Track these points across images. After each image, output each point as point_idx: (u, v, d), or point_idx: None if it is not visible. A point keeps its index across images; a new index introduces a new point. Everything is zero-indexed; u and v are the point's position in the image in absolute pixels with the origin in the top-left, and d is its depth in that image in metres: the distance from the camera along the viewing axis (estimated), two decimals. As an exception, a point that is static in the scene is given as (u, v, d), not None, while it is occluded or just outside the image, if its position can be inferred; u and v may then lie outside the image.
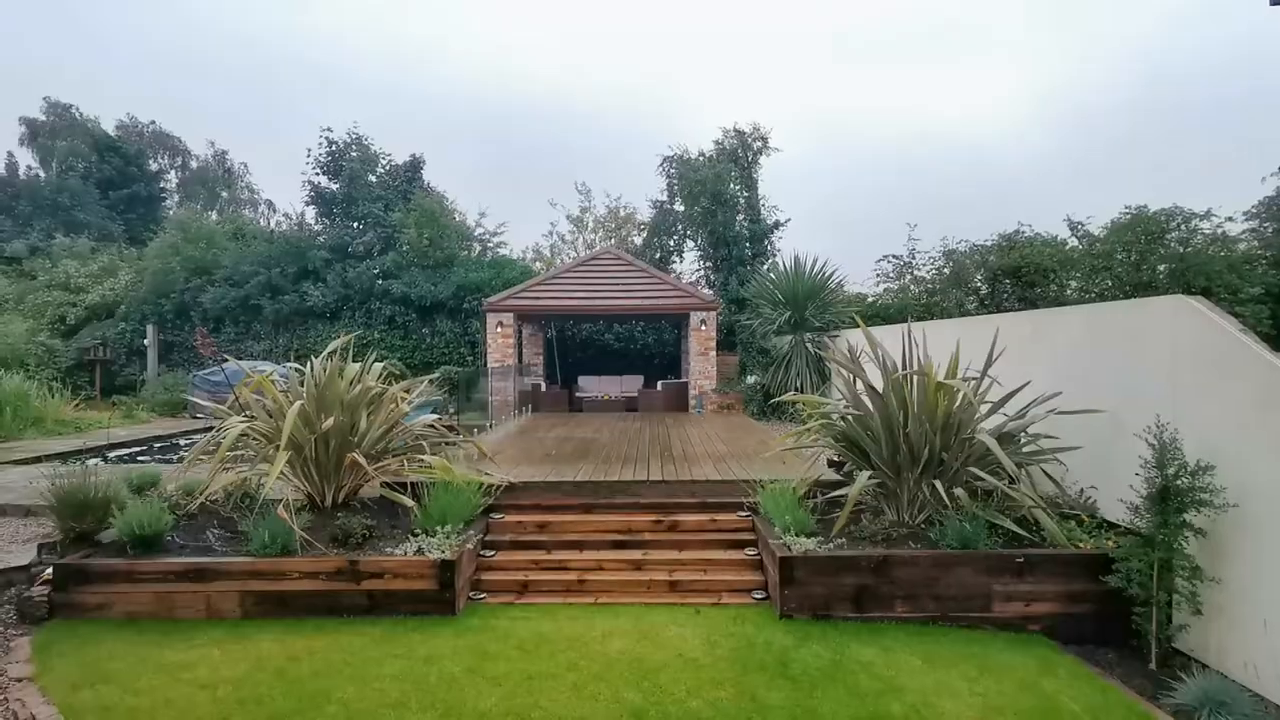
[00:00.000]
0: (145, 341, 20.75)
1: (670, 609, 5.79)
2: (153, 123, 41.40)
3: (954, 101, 63.87)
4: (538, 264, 26.26)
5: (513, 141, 60.61)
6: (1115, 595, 5.14)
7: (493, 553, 6.54)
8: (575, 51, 71.55)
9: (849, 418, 6.78)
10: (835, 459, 7.48)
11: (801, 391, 13.88)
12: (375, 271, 20.67)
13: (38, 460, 10.73)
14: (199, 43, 62.22)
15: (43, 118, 36.14)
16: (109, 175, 31.27)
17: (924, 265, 16.50)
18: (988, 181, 53.00)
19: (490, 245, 23.76)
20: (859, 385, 6.83)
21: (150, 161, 36.37)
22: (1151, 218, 12.76)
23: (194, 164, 43.74)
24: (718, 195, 19.90)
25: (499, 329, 16.48)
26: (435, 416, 8.23)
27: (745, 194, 20.95)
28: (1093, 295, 13.37)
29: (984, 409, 6.46)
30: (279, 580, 5.64)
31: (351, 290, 20.57)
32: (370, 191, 22.03)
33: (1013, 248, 14.56)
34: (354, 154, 22.32)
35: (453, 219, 22.59)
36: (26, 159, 33.91)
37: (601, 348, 20.59)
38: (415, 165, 23.37)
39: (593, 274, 17.58)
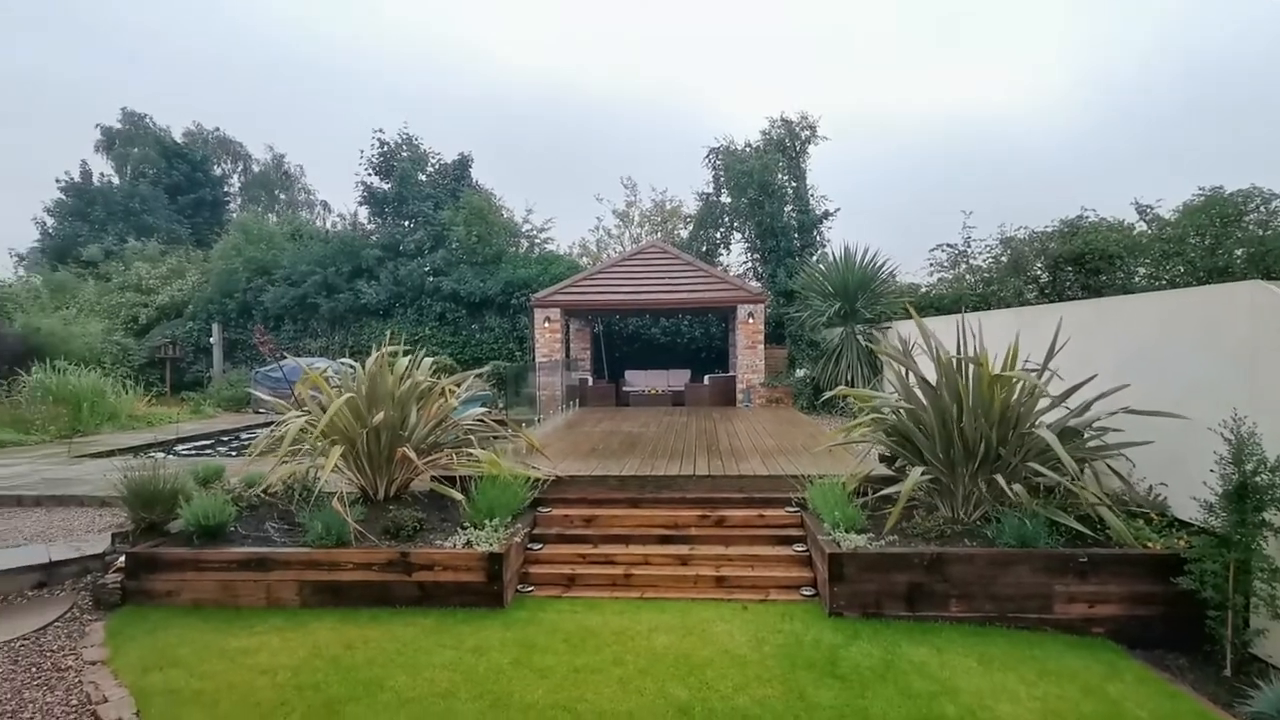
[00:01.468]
0: (211, 339, 21.63)
1: (717, 605, 5.75)
2: (217, 129, 43.05)
3: (1001, 86, 61.66)
4: (584, 259, 26.39)
5: (560, 138, 60.99)
6: (1187, 598, 4.89)
7: (540, 546, 6.60)
8: (621, 46, 71.57)
9: (901, 412, 6.61)
10: (887, 454, 7.31)
11: (852, 385, 13.62)
12: (426, 269, 21.09)
13: (111, 454, 11.28)
14: (260, 51, 64.43)
15: (118, 126, 37.94)
16: (177, 180, 32.66)
17: (980, 254, 16.00)
18: (1040, 167, 51.10)
19: (537, 241, 23.98)
20: (911, 378, 6.65)
21: (215, 167, 37.83)
22: (1227, 199, 12.08)
23: (255, 168, 45.33)
24: (765, 186, 19.65)
25: (546, 324, 16.63)
26: (484, 410, 8.34)
27: (793, 184, 20.63)
28: (1163, 282, 12.75)
29: (1044, 402, 6.21)
30: (334, 570, 5.80)
31: (403, 288, 21.03)
32: (420, 190, 22.46)
33: (1075, 234, 13.98)
34: (404, 154, 22.78)
35: (500, 216, 22.87)
36: (101, 166, 35.68)
37: (648, 342, 20.57)
38: (463, 164, 23.72)
39: (639, 268, 17.57)
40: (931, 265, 16.97)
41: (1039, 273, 14.77)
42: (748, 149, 21.08)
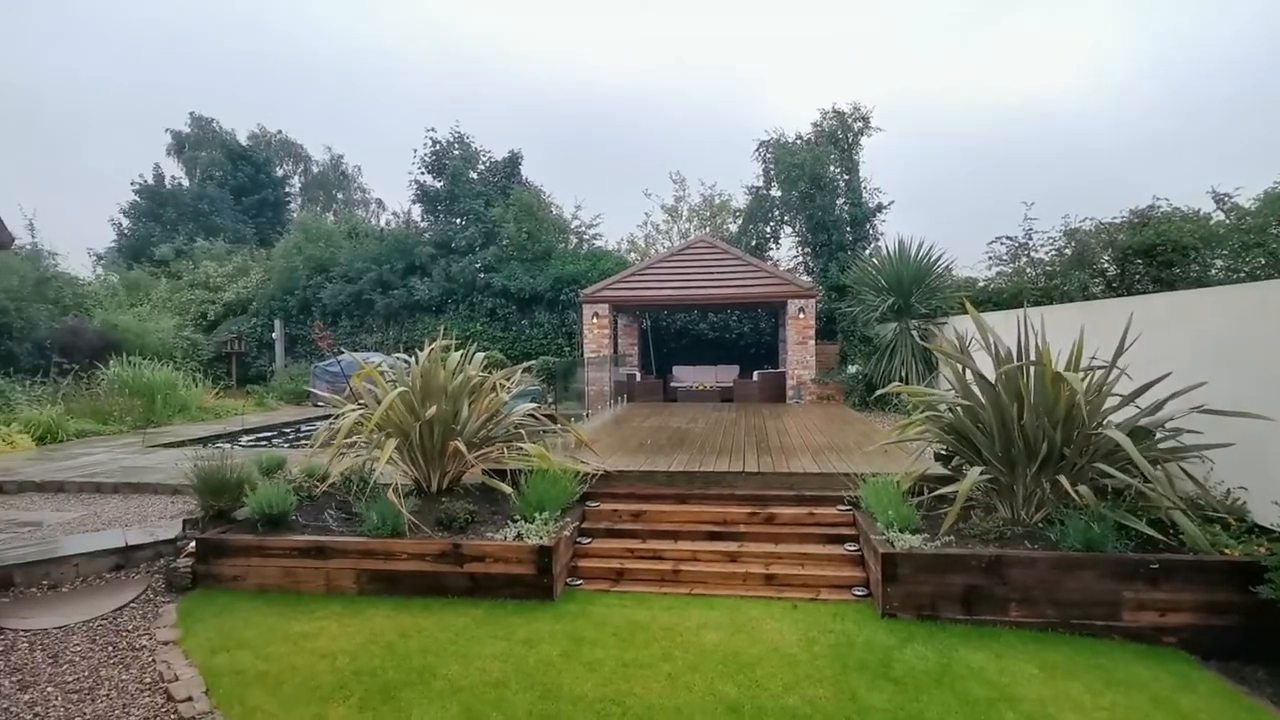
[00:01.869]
0: (273, 335, 22.41)
1: (766, 603, 5.69)
2: (279, 132, 44.52)
3: (1061, 70, 59.12)
4: (633, 255, 26.44)
5: (609, 134, 61.17)
6: (1267, 607, 4.63)
7: (589, 540, 6.64)
8: (671, 41, 71.34)
9: (958, 409, 6.42)
10: (943, 453, 7.11)
11: (906, 382, 13.32)
12: (477, 266, 21.43)
13: (182, 444, 11.81)
14: (319, 55, 66.49)
15: (187, 130, 39.62)
16: (242, 182, 33.92)
17: (1042, 246, 15.41)
18: (1105, 157, 48.88)
19: (586, 237, 24.12)
20: (968, 375, 6.45)
21: (277, 168, 39.15)
22: (1314, 186, 11.35)
23: (314, 169, 46.75)
24: (816, 179, 19.34)
25: (595, 320, 16.72)
26: (534, 405, 8.43)
27: (845, 177, 20.26)
28: (1241, 275, 12.08)
29: (1113, 400, 5.94)
30: (389, 560, 5.95)
31: (455, 284, 21.42)
32: (471, 188, 22.81)
33: (1146, 224, 13.34)
34: (456, 152, 23.16)
35: (549, 212, 23.07)
36: (172, 169, 37.30)
37: (696, 337, 20.49)
38: (513, 161, 23.99)
39: (687, 263, 17.50)
40: (990, 258, 16.44)
41: (1106, 265, 14.15)
42: (798, 141, 20.78)
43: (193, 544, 6.24)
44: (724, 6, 66.82)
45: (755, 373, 17.43)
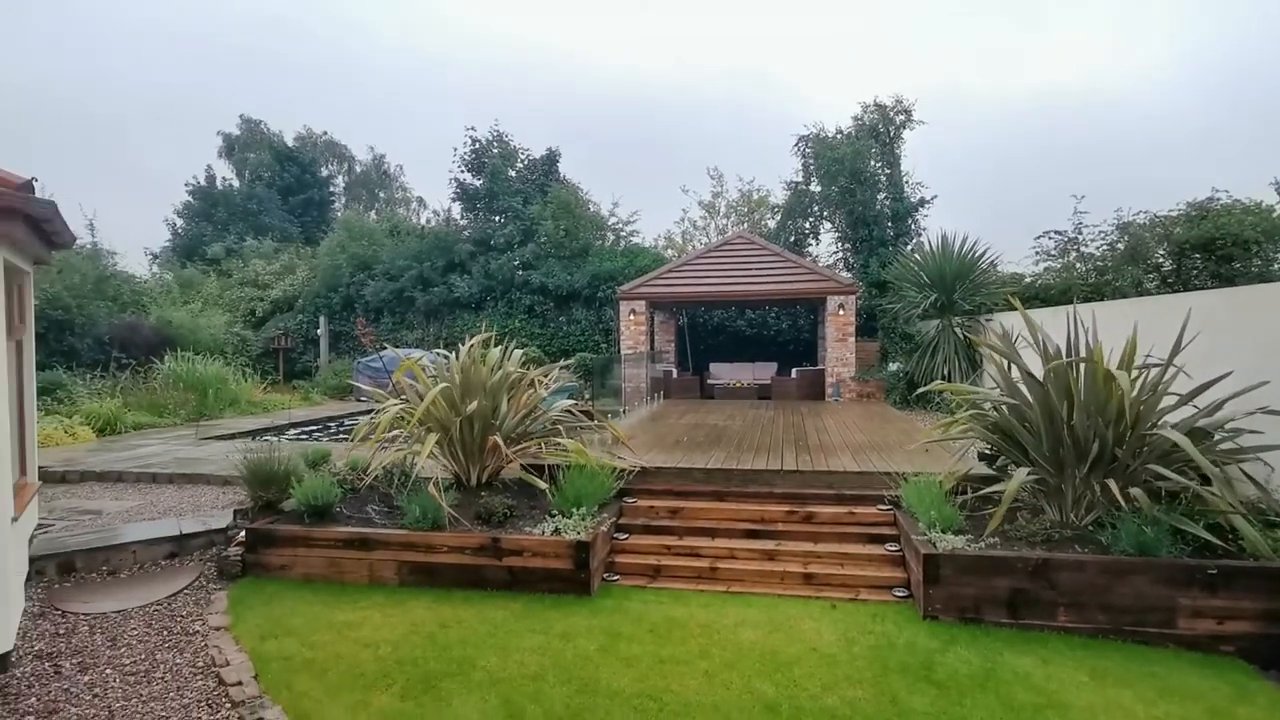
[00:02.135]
0: (318, 331, 22.97)
1: (804, 602, 5.63)
2: (324, 133, 45.60)
3: (1112, 61, 57.09)
4: (669, 251, 26.41)
5: (646, 130, 61.15)
6: (1338, 618, 4.41)
7: (625, 536, 6.66)
8: (709, 36, 70.95)
9: (1003, 408, 6.26)
10: (987, 452, 6.95)
11: (949, 380, 13.03)
12: (515, 263, 21.64)
13: (233, 436, 12.18)
14: (362, 58, 67.86)
15: (237, 133, 40.83)
16: (288, 182, 34.81)
17: (1093, 241, 14.93)
18: (1156, 149, 47.08)
19: (623, 234, 24.17)
20: (1015, 373, 6.29)
21: (322, 169, 40.08)
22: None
23: (358, 168, 47.76)
24: (857, 173, 19.04)
25: (631, 316, 16.74)
26: (571, 401, 8.48)
27: (887, 171, 19.91)
28: (1309, 270, 11.52)
29: (1169, 400, 5.73)
30: (430, 553, 6.04)
31: (494, 281, 21.67)
32: (510, 186, 23.03)
33: (1204, 217, 12.83)
34: (495, 151, 23.40)
35: (587, 209, 23.17)
36: (223, 170, 38.48)
37: (734, 334, 20.37)
38: (551, 159, 24.15)
39: (724, 259, 17.40)
40: (1037, 254, 15.99)
41: (1161, 260, 13.65)
42: (839, 136, 20.50)
43: (243, 533, 6.43)
44: (763, 6, 66.27)
45: (793, 370, 17.26)
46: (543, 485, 6.85)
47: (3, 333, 4.44)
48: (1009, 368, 6.42)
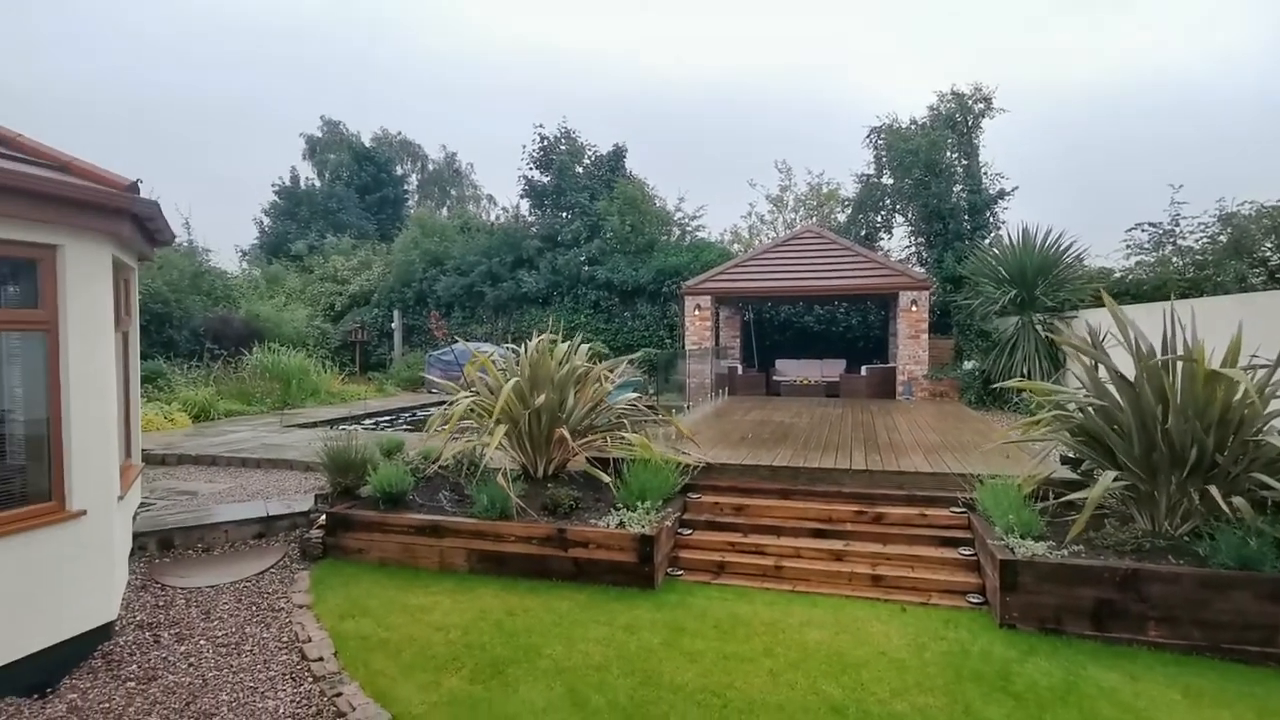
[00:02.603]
0: (393, 325, 23.80)
1: (872, 604, 5.50)
2: (399, 133, 47.15)
3: (1210, 41, 53.12)
4: (736, 246, 26.12)
5: (714, 124, 60.76)
6: None
7: (690, 531, 6.65)
8: (780, 27, 69.88)
9: (1090, 409, 5.94)
10: (1070, 455, 6.62)
11: (1028, 379, 12.47)
12: (581, 258, 21.87)
13: (314, 425, 12.77)
14: (436, 60, 69.82)
15: (319, 134, 42.68)
16: (365, 181, 36.17)
17: (1191, 233, 13.99)
18: (1263, 136, 43.55)
19: (689, 229, 24.09)
20: (1103, 373, 5.96)
21: (397, 167, 41.46)
22: None
23: (430, 167, 49.19)
24: (932, 165, 18.40)
25: (696, 312, 16.68)
26: (635, 396, 8.52)
27: (963, 162, 19.17)
28: None
29: (1277, 404, 5.32)
30: (498, 542, 6.18)
31: (560, 277, 21.96)
32: (577, 182, 23.27)
33: (1319, 207, 11.83)
34: (563, 147, 23.68)
35: (653, 205, 23.18)
36: (306, 171, 40.31)
37: (801, 330, 20.03)
38: (618, 154, 24.26)
39: (792, 254, 17.12)
40: (1128, 247, 15.10)
41: (1269, 254, 12.67)
42: (913, 126, 19.86)
43: (323, 517, 6.74)
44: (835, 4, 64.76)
45: (863, 367, 16.85)
46: (607, 478, 6.91)
47: (111, 325, 4.77)
48: (1096, 367, 6.09)
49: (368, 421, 14.18)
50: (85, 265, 4.42)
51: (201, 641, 4.80)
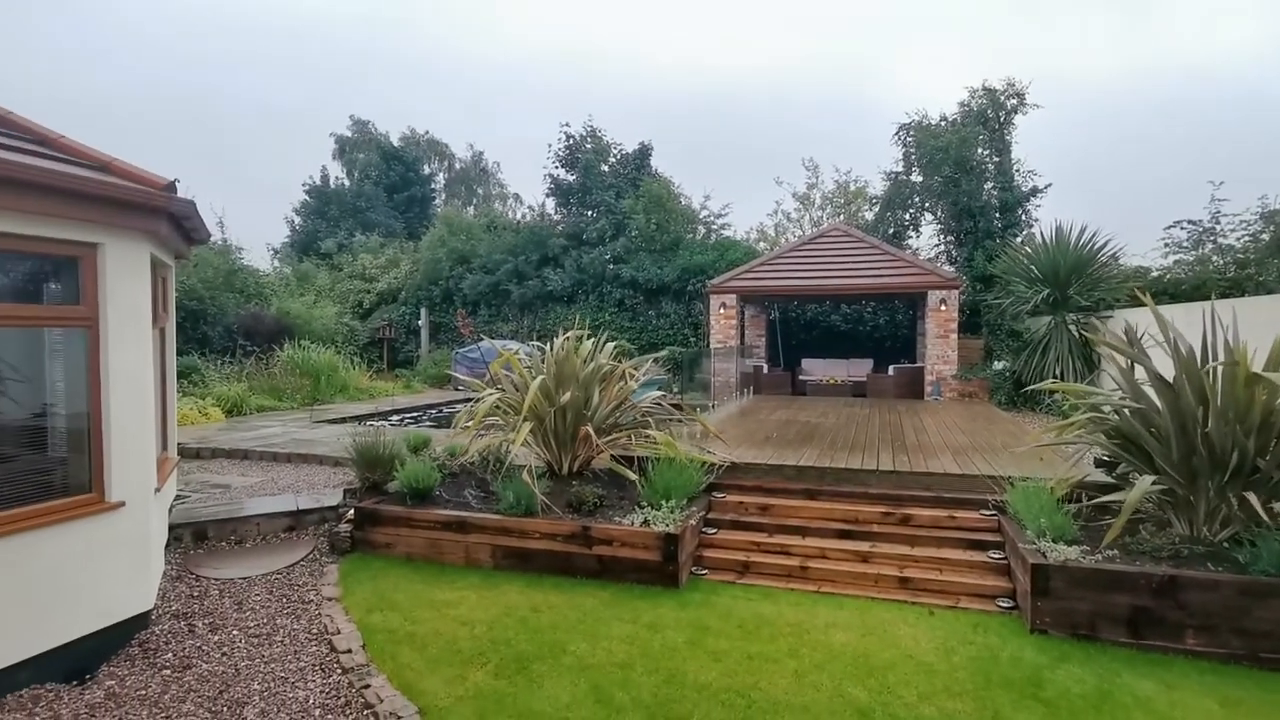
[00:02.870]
0: (419, 322, 24.04)
1: (900, 607, 5.44)
2: (426, 132, 47.55)
3: (1246, 29, 51.48)
4: (762, 244, 25.97)
5: (739, 122, 60.47)
6: None
7: (714, 530, 6.63)
8: (807, 23, 69.38)
9: (1125, 411, 5.81)
10: (1105, 458, 6.48)
11: (1062, 380, 12.22)
12: (607, 257, 21.89)
13: (342, 421, 12.95)
14: (467, 59, 70.45)
15: (348, 134, 43.25)
16: (394, 180, 36.55)
17: (1233, 231, 13.61)
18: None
19: (714, 227, 23.98)
20: (1140, 373, 5.82)
21: (424, 166, 41.85)
22: None
23: (457, 165, 49.57)
24: (962, 162, 18.09)
25: (722, 310, 16.62)
26: (660, 394, 8.52)
27: (995, 159, 18.82)
28: None
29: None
30: (523, 538, 6.22)
31: (585, 275, 22.01)
32: (602, 181, 23.30)
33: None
34: (588, 146, 23.72)
35: (678, 203, 23.12)
36: (335, 170, 40.88)
37: (827, 329, 19.85)
38: (644, 153, 24.23)
39: (819, 252, 16.97)
40: (1166, 245, 14.76)
41: (1315, 252, 12.29)
42: (942, 123, 19.55)
43: (351, 512, 6.83)
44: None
45: (891, 367, 16.66)
46: (632, 476, 6.91)
47: (149, 321, 4.88)
48: (1131, 368, 5.95)
49: (395, 418, 14.34)
50: (125, 263, 4.53)
51: (234, 632, 4.90)
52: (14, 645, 3.98)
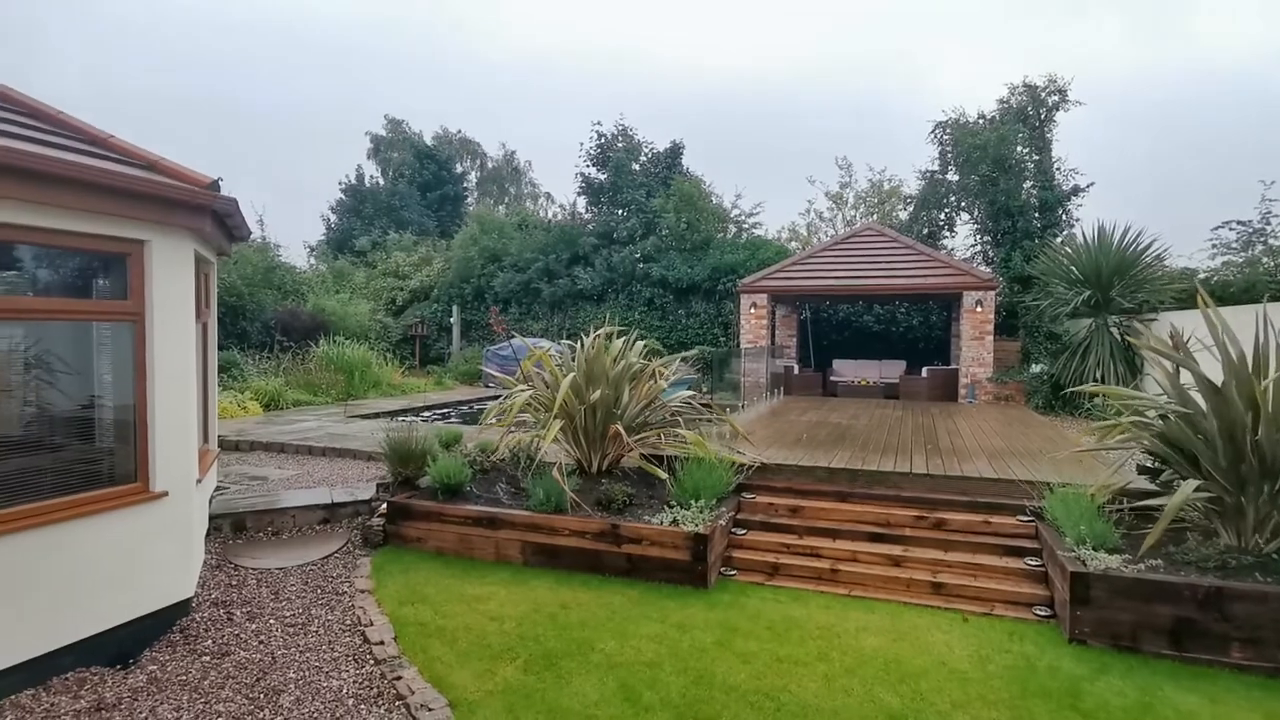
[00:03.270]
0: (451, 320, 24.31)
1: (932, 612, 5.35)
2: (459, 131, 48.09)
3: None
4: (794, 244, 25.77)
5: (772, 121, 60.04)
6: None
7: (743, 531, 6.59)
8: (841, 21, 68.63)
9: (1171, 416, 5.64)
10: (1149, 465, 6.30)
11: (1102, 384, 11.92)
12: (637, 256, 21.91)
13: (375, 416, 13.16)
14: (500, 59, 71.07)
15: (384, 134, 43.92)
16: (427, 179, 37.00)
17: (1284, 230, 13.14)
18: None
19: (746, 226, 23.86)
20: (1186, 378, 5.64)
21: (457, 165, 42.30)
22: None
23: (489, 164, 50.03)
24: (1000, 160, 17.71)
25: (752, 310, 16.52)
26: (690, 393, 8.50)
27: (1035, 157, 18.39)
28: None
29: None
30: (552, 535, 6.25)
31: (615, 274, 22.05)
32: (634, 179, 23.31)
33: None
34: (620, 145, 23.76)
35: (709, 202, 23.04)
36: (370, 169, 41.51)
37: (859, 330, 19.62)
38: (675, 151, 24.20)
39: (851, 252, 16.79)
40: (1214, 246, 14.31)
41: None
42: (980, 121, 19.17)
43: (384, 506, 6.93)
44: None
45: (924, 369, 16.41)
46: (662, 475, 6.91)
47: (193, 316, 5.01)
48: (1177, 372, 5.77)
49: (427, 414, 14.53)
50: (170, 260, 4.65)
51: (271, 621, 5.00)
52: (61, 629, 4.12)
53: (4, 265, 4.42)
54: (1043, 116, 18.49)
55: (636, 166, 23.75)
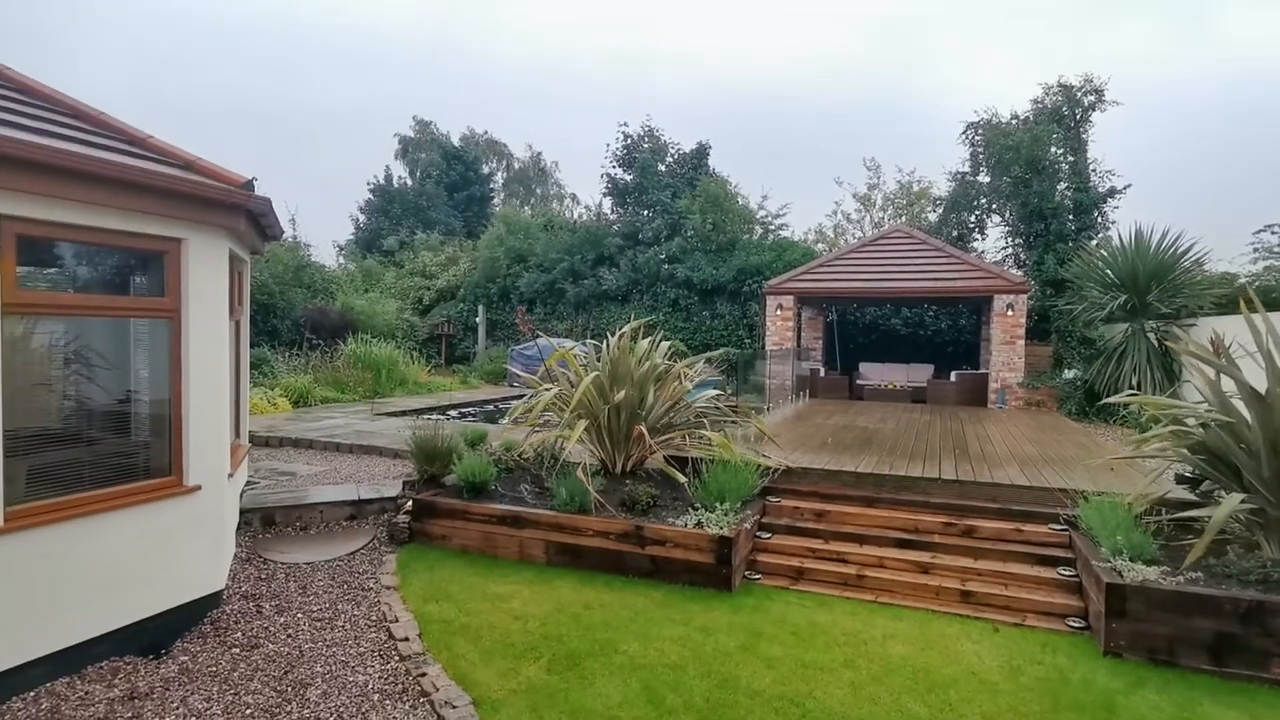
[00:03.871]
0: (477, 319, 24.49)
1: (962, 621, 5.25)
2: (486, 132, 48.47)
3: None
4: (820, 245, 25.57)
5: (800, 122, 59.66)
6: None
7: (768, 535, 6.53)
8: (873, 19, 68.02)
9: (1212, 425, 5.47)
10: (1188, 475, 6.12)
11: (1139, 390, 11.64)
12: (662, 256, 21.88)
13: (401, 414, 13.29)
14: (526, 59, 71.60)
15: (411, 134, 44.42)
16: (454, 180, 37.31)
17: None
18: None
19: (772, 227, 23.72)
20: (1228, 385, 5.48)
21: (483, 166, 42.61)
22: None
23: (516, 165, 50.34)
24: (1034, 161, 17.35)
25: (778, 312, 16.41)
26: (715, 394, 8.44)
27: (1069, 159, 18.01)
28: None
29: None
30: (576, 535, 6.25)
31: (640, 275, 22.04)
32: (659, 180, 23.29)
33: None
34: (646, 146, 23.75)
35: (735, 203, 22.94)
36: (399, 170, 42.02)
37: (887, 333, 19.38)
38: (701, 152, 24.14)
39: (879, 254, 16.60)
40: (1255, 250, 13.92)
41: None
42: (1013, 121, 18.82)
43: (410, 503, 6.99)
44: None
45: (953, 373, 16.16)
46: (681, 478, 6.88)
47: (227, 313, 5.09)
48: (1218, 379, 5.61)
49: (453, 412, 14.63)
50: (206, 258, 4.73)
51: (299, 615, 5.06)
52: (96, 618, 4.21)
53: (48, 263, 4.54)
54: (1078, 117, 18.10)
55: (662, 167, 23.72)
